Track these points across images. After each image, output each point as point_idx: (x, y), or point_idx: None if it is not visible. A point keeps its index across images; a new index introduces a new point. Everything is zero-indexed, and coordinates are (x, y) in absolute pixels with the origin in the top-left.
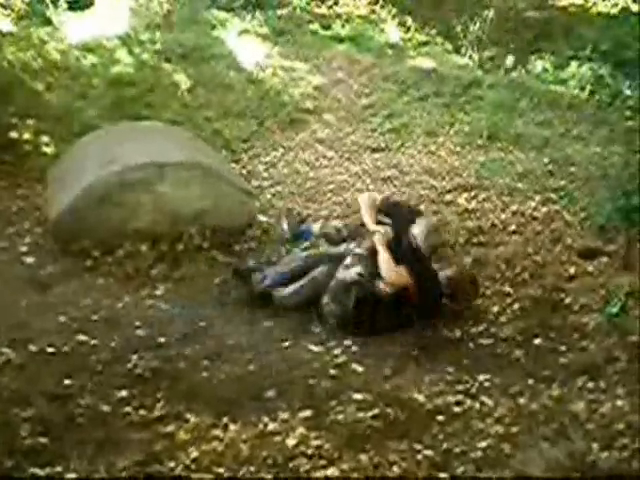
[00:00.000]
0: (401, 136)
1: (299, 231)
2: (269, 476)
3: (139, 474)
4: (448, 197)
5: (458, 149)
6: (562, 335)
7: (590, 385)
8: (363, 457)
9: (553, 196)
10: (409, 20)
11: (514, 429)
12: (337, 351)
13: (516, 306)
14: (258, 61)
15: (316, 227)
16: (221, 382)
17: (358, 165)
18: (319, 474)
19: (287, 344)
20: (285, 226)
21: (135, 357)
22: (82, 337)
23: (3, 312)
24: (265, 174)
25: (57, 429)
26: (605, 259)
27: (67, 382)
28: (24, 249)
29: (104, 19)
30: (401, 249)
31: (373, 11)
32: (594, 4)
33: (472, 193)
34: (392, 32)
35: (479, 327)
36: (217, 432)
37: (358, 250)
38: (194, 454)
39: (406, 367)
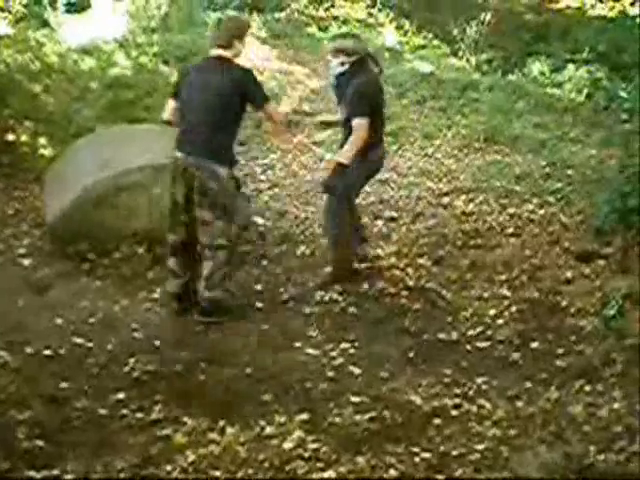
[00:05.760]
0: (399, 139)
1: None
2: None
3: (136, 477)
4: (445, 200)
5: (455, 152)
6: (559, 338)
7: (587, 388)
8: (360, 460)
9: (550, 199)
10: (406, 23)
11: (511, 432)
12: (334, 354)
13: (513, 309)
14: (256, 64)
15: None
16: (218, 385)
17: None
18: (316, 477)
19: (283, 347)
20: None
21: (132, 360)
22: (79, 340)
23: (0, 314)
24: (262, 176)
25: (54, 432)
26: (602, 262)
27: (64, 385)
28: (21, 251)
29: (101, 22)
30: None
31: (370, 14)
32: (591, 7)
33: (469, 196)
34: (389, 35)
35: (476, 329)
36: (214, 435)
37: None
38: (191, 457)
39: (403, 370)
